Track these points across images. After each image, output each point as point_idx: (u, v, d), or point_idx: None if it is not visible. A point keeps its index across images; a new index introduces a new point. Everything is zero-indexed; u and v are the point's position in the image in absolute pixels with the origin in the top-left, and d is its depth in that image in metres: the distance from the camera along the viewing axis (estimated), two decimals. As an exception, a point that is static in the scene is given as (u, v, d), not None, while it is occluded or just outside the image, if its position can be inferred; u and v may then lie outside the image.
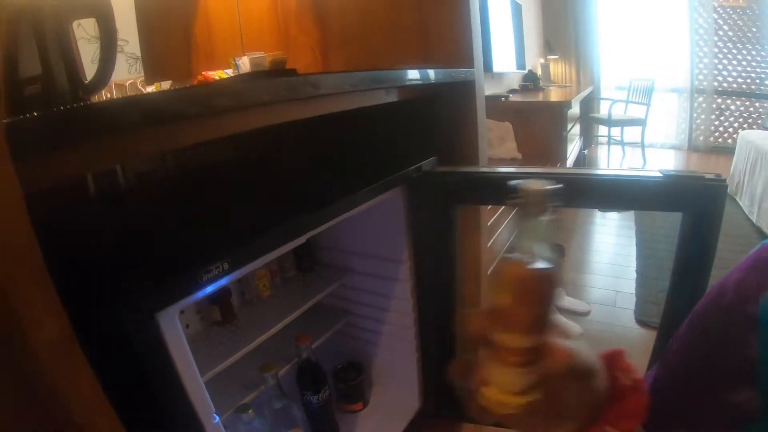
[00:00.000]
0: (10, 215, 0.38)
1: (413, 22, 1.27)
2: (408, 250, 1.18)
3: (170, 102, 0.56)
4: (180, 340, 0.58)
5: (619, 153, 6.57)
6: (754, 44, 6.63)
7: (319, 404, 1.21)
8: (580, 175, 1.01)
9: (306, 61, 1.47)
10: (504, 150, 3.73)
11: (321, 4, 1.43)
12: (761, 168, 3.95)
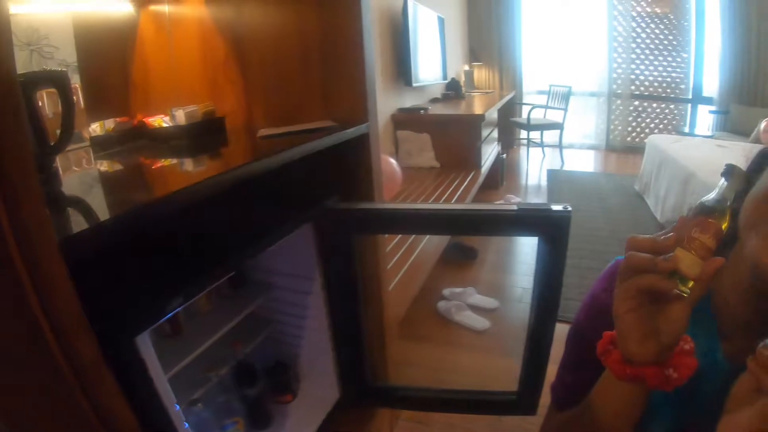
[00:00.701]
0: (51, 257, 0.56)
1: (320, 83, 1.50)
2: (318, 270, 1.41)
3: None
4: (151, 353, 0.81)
5: (540, 154, 6.91)
6: (670, 51, 7.07)
7: (254, 397, 1.43)
8: (454, 210, 1.29)
9: (232, 107, 1.65)
10: (423, 159, 4.02)
11: (244, 58, 1.61)
12: (665, 170, 4.28)
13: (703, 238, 0.55)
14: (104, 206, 0.85)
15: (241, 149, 1.45)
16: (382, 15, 3.85)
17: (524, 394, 1.39)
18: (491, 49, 7.37)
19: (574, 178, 5.90)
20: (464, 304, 2.72)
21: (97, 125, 1.57)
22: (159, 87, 1.76)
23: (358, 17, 1.42)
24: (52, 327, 0.55)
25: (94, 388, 0.59)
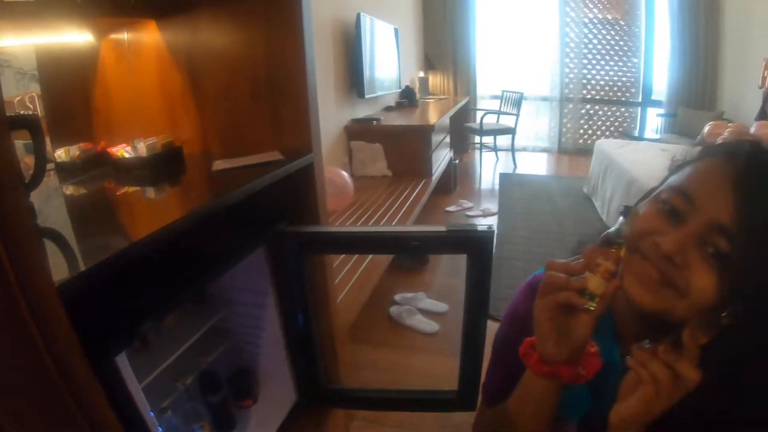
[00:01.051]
0: (50, 299, 0.67)
1: (269, 116, 1.62)
2: (272, 286, 1.54)
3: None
4: (128, 369, 0.94)
5: (493, 158, 7.13)
6: (621, 56, 7.35)
7: (218, 403, 1.53)
8: (390, 232, 1.46)
9: (189, 136, 1.75)
10: (376, 169, 4.17)
11: (199, 91, 1.70)
12: (611, 174, 4.45)
13: (606, 264, 0.69)
14: (87, 246, 0.96)
15: (199, 184, 1.55)
16: (335, 29, 3.96)
17: (463, 392, 1.53)
18: (446, 55, 7.52)
19: (526, 181, 6.08)
20: (415, 309, 2.87)
21: (62, 151, 1.63)
22: (121, 113, 1.83)
23: (302, 58, 1.55)
24: (50, 353, 0.68)
25: (89, 404, 0.73)
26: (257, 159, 1.50)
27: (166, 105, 1.78)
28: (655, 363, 0.65)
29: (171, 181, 1.54)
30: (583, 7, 7.25)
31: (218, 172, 1.44)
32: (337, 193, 3.03)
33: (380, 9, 5.09)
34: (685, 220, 0.68)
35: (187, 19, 1.67)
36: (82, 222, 1.18)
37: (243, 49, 1.63)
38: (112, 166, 1.61)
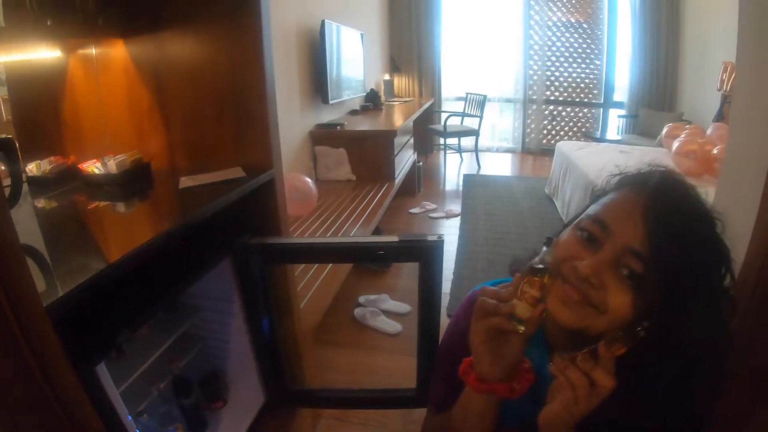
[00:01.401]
0: (39, 318, 0.75)
1: (233, 133, 1.71)
2: (238, 294, 1.63)
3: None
4: (107, 377, 1.03)
5: (458, 159, 7.25)
6: (584, 58, 7.54)
7: (191, 406, 1.61)
8: (347, 243, 1.58)
9: (157, 151, 1.81)
10: (340, 173, 4.26)
11: (166, 109, 1.77)
12: (570, 176, 4.58)
13: (531, 291, 0.77)
14: (69, 264, 1.04)
15: (168, 202, 1.63)
16: (300, 36, 4.03)
17: (422, 389, 1.62)
18: (411, 57, 7.61)
19: (489, 182, 6.20)
20: (378, 310, 2.98)
21: (33, 165, 1.69)
22: (90, 127, 1.88)
23: (263, 78, 1.64)
24: (40, 366, 0.76)
25: (76, 411, 0.82)
26: (221, 176, 1.59)
27: (134, 121, 1.84)
28: (572, 370, 0.72)
29: (141, 198, 1.63)
30: (547, 10, 7.43)
31: (185, 189, 1.52)
32: (302, 200, 3.12)
33: (346, 15, 5.18)
34: (602, 246, 0.76)
35: (154, 39, 1.74)
36: (61, 239, 1.24)
37: (207, 69, 1.71)
38: (82, 181, 1.68)
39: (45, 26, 1.42)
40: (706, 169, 3.85)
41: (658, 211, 0.74)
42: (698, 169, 3.82)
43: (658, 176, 0.80)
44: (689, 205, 0.76)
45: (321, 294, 2.43)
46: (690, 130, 4.24)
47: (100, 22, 1.58)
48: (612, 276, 0.74)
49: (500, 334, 0.80)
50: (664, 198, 0.75)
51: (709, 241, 0.75)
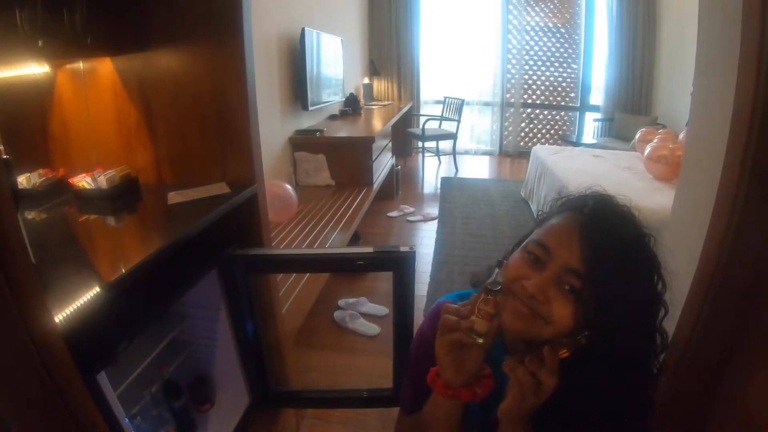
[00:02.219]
0: (52, 336, 0.84)
1: (217, 149, 1.79)
2: (223, 302, 1.72)
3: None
4: (107, 384, 1.12)
5: (436, 162, 7.35)
6: (561, 62, 7.64)
7: (180, 408, 1.69)
8: (325, 254, 1.68)
9: (144, 166, 1.88)
10: (320, 178, 4.33)
11: (153, 126, 1.84)
12: (544, 179, 4.64)
13: (487, 308, 0.87)
14: (74, 280, 1.11)
15: (159, 217, 1.70)
16: (281, 43, 4.09)
17: (398, 390, 1.69)
18: (390, 61, 7.67)
19: (467, 185, 6.29)
20: (357, 313, 3.07)
21: (23, 178, 1.75)
22: (78, 141, 1.94)
23: (245, 97, 1.73)
24: (51, 379, 0.85)
25: (82, 415, 0.91)
26: (207, 192, 1.68)
27: (121, 136, 1.90)
28: (520, 370, 0.83)
29: (132, 213, 1.72)
30: (525, 14, 7.53)
31: (174, 205, 1.61)
32: (282, 207, 3.21)
33: (327, 21, 5.26)
34: (545, 266, 0.86)
35: (140, 57, 1.81)
36: (62, 254, 1.32)
37: (191, 87, 1.78)
38: (73, 195, 1.75)
39: (35, 46, 1.45)
40: (677, 174, 3.88)
41: (592, 234, 0.85)
42: (669, 174, 3.90)
43: (593, 201, 0.92)
44: (621, 227, 0.87)
45: (302, 298, 2.52)
46: (662, 135, 4.32)
47: (89, 41, 1.62)
48: (555, 291, 0.85)
49: (462, 346, 0.90)
50: (598, 221, 0.87)
51: (640, 256, 0.87)
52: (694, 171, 1.49)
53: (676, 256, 1.05)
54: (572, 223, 0.89)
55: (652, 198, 3.41)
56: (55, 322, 0.85)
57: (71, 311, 0.94)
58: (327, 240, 3.21)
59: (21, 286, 0.77)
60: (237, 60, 1.71)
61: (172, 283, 1.44)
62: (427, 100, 8.17)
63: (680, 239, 1.51)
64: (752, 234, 1.11)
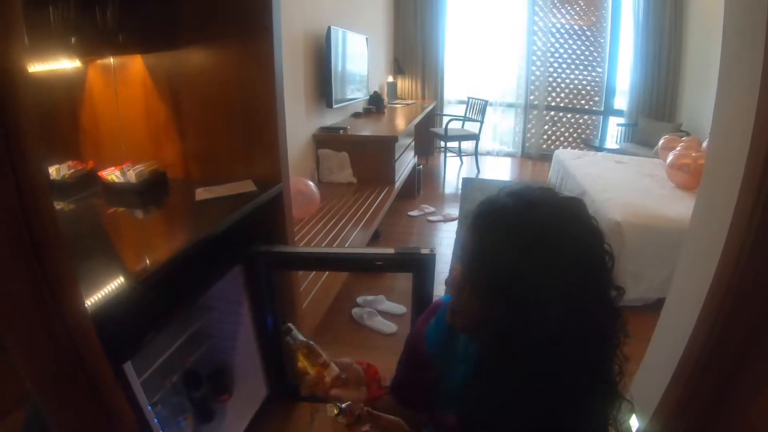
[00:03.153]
0: (86, 327, 0.89)
1: (244, 148, 1.83)
2: (246, 296, 1.76)
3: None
4: (133, 373, 1.17)
5: (458, 162, 7.29)
6: (586, 65, 7.50)
7: (200, 398, 1.74)
8: (348, 253, 1.71)
9: (172, 161, 1.93)
10: (342, 176, 4.35)
11: (181, 123, 1.89)
12: (566, 184, 4.55)
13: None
14: (107, 271, 1.16)
15: (188, 213, 1.74)
16: (307, 41, 4.12)
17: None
18: (415, 60, 7.63)
19: (488, 186, 6.13)
20: (375, 311, 3.10)
21: (53, 169, 1.79)
22: (107, 135, 1.98)
23: (273, 97, 1.77)
24: (83, 367, 0.89)
25: (113, 399, 0.95)
26: (234, 189, 1.72)
27: (150, 131, 1.96)
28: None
29: (161, 208, 1.78)
30: (551, 16, 7.42)
31: (202, 201, 1.66)
32: (305, 203, 3.25)
33: (352, 19, 5.26)
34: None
35: (170, 54, 1.85)
36: (89, 246, 1.35)
37: (220, 85, 1.83)
38: (102, 187, 1.80)
39: (68, 43, 1.50)
40: (699, 183, 3.79)
41: (474, 239, 0.83)
42: (690, 182, 3.82)
43: (477, 208, 0.86)
44: (501, 231, 0.79)
45: (322, 295, 2.56)
46: (686, 142, 4.24)
47: (120, 39, 1.66)
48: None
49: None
50: (481, 226, 0.83)
51: (515, 260, 0.77)
52: (714, 181, 1.50)
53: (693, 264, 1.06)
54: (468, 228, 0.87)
55: (673, 206, 3.36)
56: (88, 313, 0.89)
57: (102, 302, 0.98)
58: (348, 237, 3.24)
59: (57, 278, 0.81)
60: (266, 60, 1.74)
61: (198, 278, 1.48)
62: (451, 100, 8.11)
63: (698, 248, 1.52)
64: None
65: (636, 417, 1.70)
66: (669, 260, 2.98)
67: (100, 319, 0.93)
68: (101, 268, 1.19)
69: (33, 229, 0.76)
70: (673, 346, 1.45)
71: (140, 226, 1.64)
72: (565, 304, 0.74)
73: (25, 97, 0.73)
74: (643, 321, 2.98)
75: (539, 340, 0.76)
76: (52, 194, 1.56)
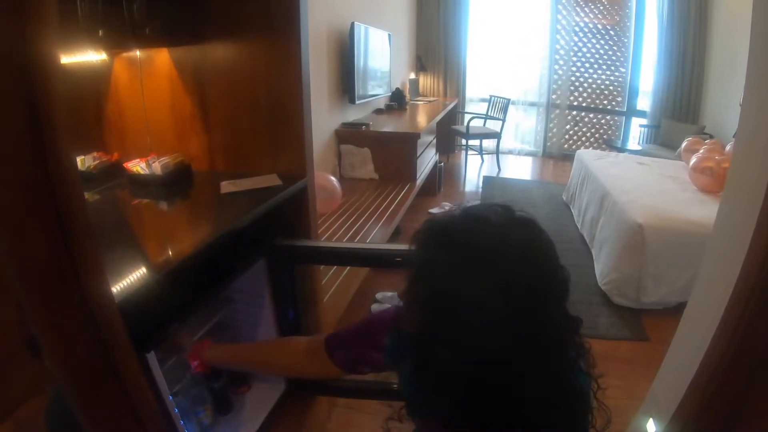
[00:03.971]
0: (113, 317, 0.91)
1: (269, 142, 1.84)
2: (268, 289, 1.77)
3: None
4: (155, 362, 1.18)
5: (479, 160, 7.28)
6: (609, 65, 7.44)
7: (219, 389, 1.74)
8: (370, 249, 1.72)
9: (197, 154, 1.95)
10: (364, 172, 4.36)
11: (207, 117, 1.90)
12: (587, 185, 4.53)
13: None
14: (133, 262, 1.18)
15: (213, 205, 1.74)
16: (330, 37, 4.13)
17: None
18: (437, 57, 7.61)
19: (508, 185, 6.25)
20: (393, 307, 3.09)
21: (78, 160, 1.80)
22: (132, 127, 2.00)
23: (300, 91, 1.77)
24: (110, 356, 0.90)
25: (136, 388, 0.97)
26: (259, 183, 1.73)
27: (176, 124, 1.97)
28: None
29: (185, 201, 1.80)
30: (574, 15, 7.35)
31: (227, 195, 1.67)
32: (327, 198, 3.26)
33: (375, 16, 5.27)
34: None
35: (197, 48, 1.87)
36: (115, 237, 1.37)
37: (246, 79, 1.83)
38: (127, 179, 1.82)
39: (96, 36, 1.51)
40: (722, 186, 3.65)
41: (416, 252, 0.84)
42: (713, 186, 3.77)
43: (425, 222, 0.87)
44: (442, 247, 0.80)
45: (343, 290, 2.57)
46: (709, 145, 4.16)
47: (147, 32, 1.68)
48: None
49: None
50: (423, 240, 0.85)
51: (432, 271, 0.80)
52: (739, 184, 1.47)
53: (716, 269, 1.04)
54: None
55: (695, 210, 3.32)
56: (115, 303, 0.91)
57: (129, 293, 0.99)
58: (369, 233, 3.25)
59: (86, 268, 0.82)
60: (293, 55, 1.74)
61: (222, 270, 1.49)
62: (473, 98, 8.08)
63: (722, 253, 1.49)
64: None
65: (654, 421, 1.69)
66: (690, 264, 2.98)
67: (126, 309, 0.94)
68: (128, 259, 1.20)
69: (63, 219, 0.77)
70: (693, 351, 1.43)
71: (166, 218, 1.66)
72: (501, 325, 0.74)
73: (57, 88, 0.74)
74: (662, 325, 3.01)
75: (468, 357, 0.76)
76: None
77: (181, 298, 1.29)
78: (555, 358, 0.80)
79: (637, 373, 2.60)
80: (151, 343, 1.17)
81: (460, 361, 0.78)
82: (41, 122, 0.72)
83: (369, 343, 1.14)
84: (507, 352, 0.74)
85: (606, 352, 2.83)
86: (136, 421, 0.97)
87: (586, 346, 0.89)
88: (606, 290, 3.38)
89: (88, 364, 0.88)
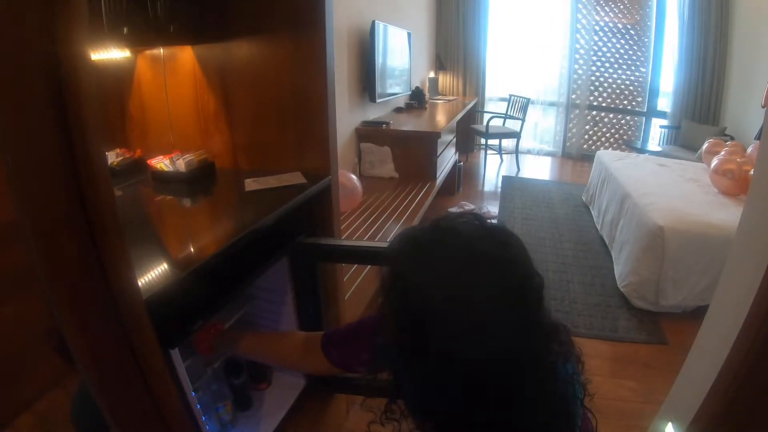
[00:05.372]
0: (140, 313, 0.91)
1: (293, 140, 1.84)
2: (290, 286, 1.78)
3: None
4: (179, 359, 1.19)
5: (498, 160, 7.25)
6: (629, 65, 7.35)
7: (239, 385, 1.76)
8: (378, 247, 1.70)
9: (220, 151, 1.95)
10: (384, 170, 4.36)
11: (231, 114, 1.90)
12: (607, 186, 4.50)
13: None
14: (160, 259, 1.19)
15: (237, 203, 1.74)
16: (351, 35, 4.14)
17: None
18: (457, 56, 7.59)
19: (528, 185, 6.19)
20: (411, 306, 3.09)
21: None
22: (155, 124, 2.01)
23: (324, 88, 1.76)
24: (135, 352, 0.90)
25: (161, 385, 0.97)
26: (284, 181, 1.73)
27: (200, 122, 1.98)
28: None
29: (208, 198, 1.80)
30: (594, 14, 7.28)
31: (251, 192, 1.67)
32: (348, 196, 3.26)
33: (395, 14, 5.26)
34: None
35: (221, 46, 1.87)
36: (140, 234, 1.37)
37: (271, 77, 1.83)
38: (150, 176, 1.84)
39: (120, 33, 1.52)
40: (743, 189, 3.68)
41: (388, 264, 0.84)
42: (735, 188, 3.71)
43: (398, 234, 0.86)
44: (415, 259, 0.80)
45: (364, 288, 2.57)
46: (730, 147, 4.08)
47: (171, 30, 1.69)
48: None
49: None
50: (395, 251, 0.83)
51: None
52: (763, 188, 1.44)
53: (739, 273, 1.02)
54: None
55: (716, 213, 3.27)
56: (143, 302, 0.91)
57: (155, 289, 0.99)
58: (390, 232, 3.23)
59: (116, 267, 0.83)
60: (318, 54, 1.74)
61: (245, 267, 1.49)
62: (492, 97, 8.04)
63: (745, 257, 1.47)
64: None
65: (672, 426, 1.67)
66: (710, 268, 2.96)
67: (152, 307, 0.95)
68: (154, 256, 1.21)
69: (91, 214, 0.78)
70: (714, 355, 1.42)
71: (190, 215, 1.66)
72: (471, 336, 0.73)
73: (88, 84, 0.74)
74: (681, 328, 2.99)
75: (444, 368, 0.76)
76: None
77: (206, 295, 1.30)
78: (530, 368, 0.78)
79: (656, 376, 2.58)
80: (175, 340, 1.17)
81: (434, 373, 0.77)
82: (71, 122, 0.73)
83: (361, 344, 1.18)
84: (478, 365, 0.73)
85: (624, 355, 2.81)
86: (161, 419, 0.98)
87: (572, 351, 0.87)
88: (625, 293, 3.35)
89: (115, 364, 0.88)
